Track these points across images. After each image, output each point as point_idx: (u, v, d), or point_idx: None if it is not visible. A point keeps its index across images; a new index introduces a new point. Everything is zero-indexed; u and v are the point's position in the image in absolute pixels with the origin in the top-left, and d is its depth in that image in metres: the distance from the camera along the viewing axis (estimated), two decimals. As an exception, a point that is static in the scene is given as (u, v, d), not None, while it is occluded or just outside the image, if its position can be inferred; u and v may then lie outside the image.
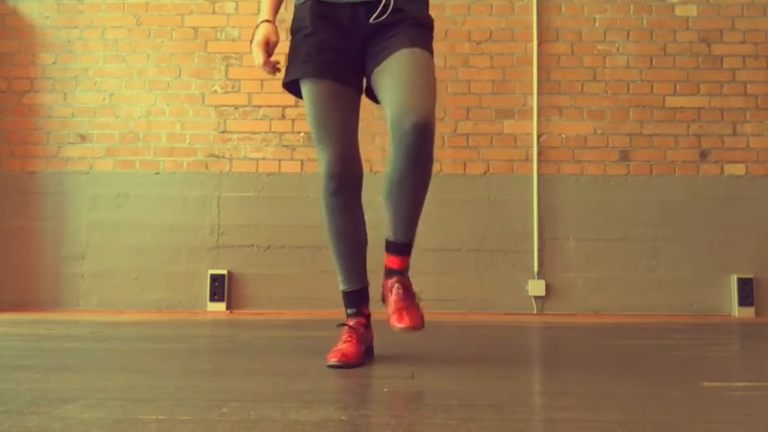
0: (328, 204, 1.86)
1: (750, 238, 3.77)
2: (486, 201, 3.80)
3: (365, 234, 1.94)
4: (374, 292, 1.99)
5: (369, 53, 1.82)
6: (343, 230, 1.89)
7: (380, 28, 1.78)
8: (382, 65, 1.76)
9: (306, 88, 1.84)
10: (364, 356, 1.86)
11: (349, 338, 1.85)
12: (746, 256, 3.76)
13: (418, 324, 1.74)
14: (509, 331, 2.86)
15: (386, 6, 1.77)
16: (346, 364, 1.75)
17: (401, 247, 1.85)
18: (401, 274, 1.85)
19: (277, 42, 1.87)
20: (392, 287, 1.82)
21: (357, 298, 1.93)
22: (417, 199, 1.80)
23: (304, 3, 1.85)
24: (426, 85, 1.73)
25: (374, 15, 1.77)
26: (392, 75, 1.73)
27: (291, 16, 1.91)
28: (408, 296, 1.81)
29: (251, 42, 1.87)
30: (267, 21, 1.87)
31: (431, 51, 1.81)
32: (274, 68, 1.87)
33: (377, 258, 1.99)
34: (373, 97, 1.88)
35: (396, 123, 1.68)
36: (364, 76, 1.88)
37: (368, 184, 1.97)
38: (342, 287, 1.94)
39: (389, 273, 1.85)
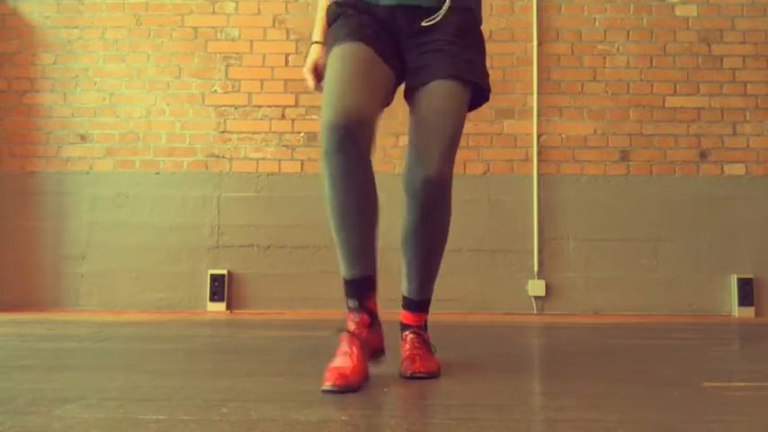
0: (329, 165, 1.50)
1: (750, 238, 3.77)
2: (486, 201, 3.80)
3: (375, 207, 1.59)
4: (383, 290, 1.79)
5: (408, 59, 1.66)
6: (345, 199, 1.53)
7: (419, 32, 1.62)
8: (419, 90, 1.62)
9: (334, 52, 1.59)
10: (368, 366, 1.55)
11: (348, 350, 1.49)
12: (746, 256, 3.76)
13: (433, 370, 1.59)
14: (509, 331, 2.86)
15: (437, 12, 1.60)
16: (344, 388, 1.40)
17: (416, 303, 1.71)
18: (418, 328, 1.71)
19: (325, 65, 1.65)
20: (407, 337, 1.69)
21: (360, 288, 1.58)
22: (432, 256, 1.68)
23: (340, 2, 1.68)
24: (450, 132, 1.62)
25: (426, 20, 1.60)
26: (420, 112, 1.61)
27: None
28: (424, 346, 1.67)
29: (303, 67, 1.75)
30: (318, 42, 1.73)
31: (480, 76, 1.70)
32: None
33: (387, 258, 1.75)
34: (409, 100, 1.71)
35: (408, 173, 1.58)
36: (403, 71, 1.69)
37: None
38: (342, 273, 1.59)
39: (403, 327, 1.73)
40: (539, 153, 3.82)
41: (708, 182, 3.81)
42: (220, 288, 3.74)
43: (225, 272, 3.75)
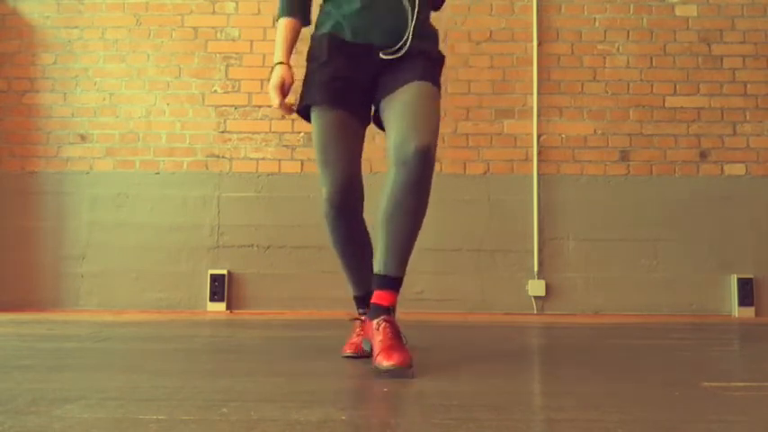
0: (331, 226, 1.93)
1: (750, 238, 3.77)
2: (486, 201, 3.80)
3: (369, 244, 1.99)
4: None
5: (380, 83, 1.88)
6: (346, 248, 1.96)
7: (393, 61, 1.85)
8: (392, 94, 1.83)
9: (315, 115, 1.91)
10: None
11: (362, 332, 1.96)
12: (746, 256, 3.76)
13: (407, 362, 1.61)
14: (509, 331, 2.86)
15: (400, 48, 1.84)
16: (360, 355, 1.92)
17: (391, 281, 1.78)
18: (388, 313, 1.75)
19: (291, 84, 1.93)
20: (379, 326, 1.72)
21: (364, 300, 2.01)
22: (413, 227, 1.77)
23: (321, 35, 1.91)
24: (431, 118, 1.78)
25: (388, 51, 1.85)
26: (400, 104, 1.79)
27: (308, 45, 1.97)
28: (397, 337, 1.70)
29: (269, 83, 1.93)
30: (281, 63, 1.93)
31: (438, 86, 1.89)
32: (290, 110, 1.94)
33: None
34: (379, 124, 1.94)
35: (398, 147, 1.72)
36: (372, 105, 1.94)
37: (366, 183, 1.98)
38: (353, 293, 2.07)
39: (376, 311, 1.76)
40: (539, 153, 3.82)
41: (708, 182, 3.81)
42: (220, 288, 3.74)
43: (225, 272, 3.76)
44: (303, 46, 2.05)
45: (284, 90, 1.92)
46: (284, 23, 1.96)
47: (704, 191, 3.81)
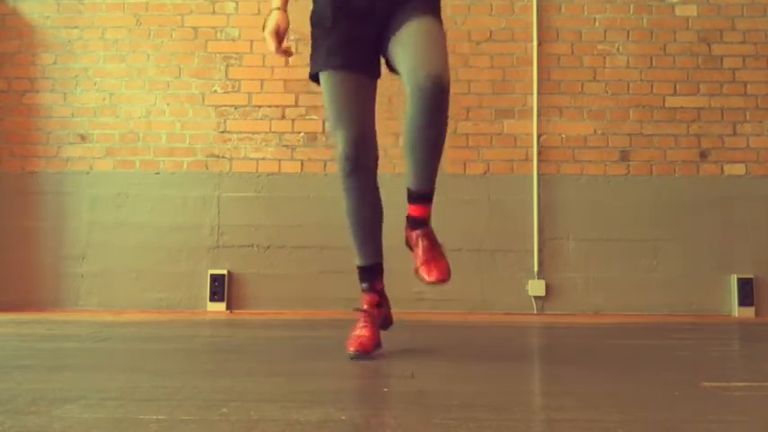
0: (345, 185, 1.96)
1: (750, 238, 3.77)
2: (486, 201, 3.80)
3: (381, 212, 2.03)
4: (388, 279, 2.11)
5: (384, 31, 1.92)
6: (358, 209, 1.98)
7: (397, 8, 1.88)
8: (397, 34, 1.86)
9: (325, 78, 1.94)
10: (379, 335, 1.99)
11: (365, 324, 1.97)
12: (746, 256, 3.76)
13: (446, 276, 1.86)
14: (509, 331, 2.86)
15: None
16: (364, 352, 1.89)
17: (423, 195, 1.93)
18: (425, 224, 1.94)
19: (287, 29, 1.96)
20: (418, 239, 1.91)
21: (371, 273, 2.04)
22: (435, 149, 1.88)
23: None
24: (439, 45, 1.84)
25: None
26: (407, 39, 1.83)
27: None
28: (435, 247, 1.91)
29: (263, 30, 1.96)
30: (277, 8, 1.96)
31: (439, 17, 1.92)
32: (287, 53, 1.98)
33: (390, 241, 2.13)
34: (392, 68, 1.96)
35: (411, 76, 1.78)
36: (381, 55, 1.97)
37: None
38: (357, 262, 2.05)
39: (414, 223, 1.94)
40: (539, 153, 3.82)
41: (708, 182, 3.81)
42: (220, 288, 3.74)
43: (225, 272, 3.75)
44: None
45: (280, 35, 1.95)
46: None
47: (704, 191, 3.80)
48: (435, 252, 1.90)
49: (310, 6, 2.03)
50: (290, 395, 1.39)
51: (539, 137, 3.84)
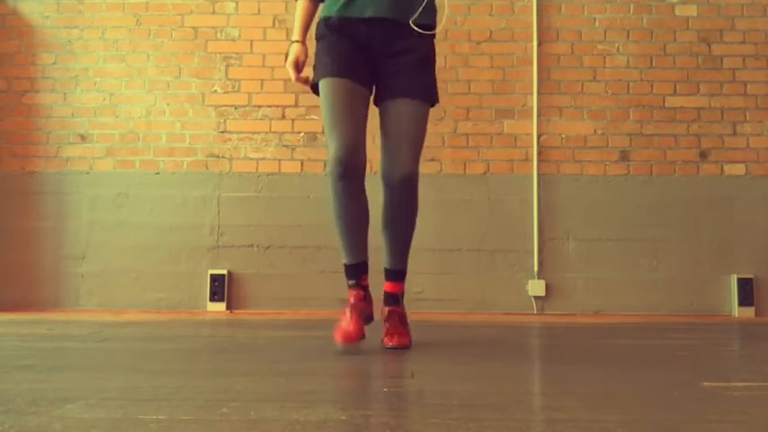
0: (335, 188, 2.06)
1: (750, 238, 3.77)
2: (486, 201, 3.80)
3: (367, 215, 2.15)
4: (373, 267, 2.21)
5: (380, 74, 2.12)
6: (347, 212, 2.09)
7: (392, 54, 2.09)
8: (387, 104, 2.10)
9: (324, 84, 2.09)
10: (363, 327, 2.09)
11: (350, 316, 2.08)
12: (746, 256, 3.76)
13: (406, 343, 2.11)
14: (509, 331, 2.86)
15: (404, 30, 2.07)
16: (349, 341, 2.00)
17: (396, 273, 2.19)
18: (397, 301, 2.18)
19: (305, 61, 2.18)
20: (389, 316, 2.15)
21: (357, 270, 2.15)
22: (405, 235, 2.16)
23: (327, 18, 2.12)
24: (418, 136, 2.09)
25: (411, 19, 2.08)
26: (393, 127, 2.08)
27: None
28: (402, 324, 2.15)
29: (284, 60, 2.20)
30: (297, 41, 2.18)
31: (432, 96, 2.12)
32: (306, 82, 2.17)
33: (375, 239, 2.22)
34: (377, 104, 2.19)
35: (387, 173, 2.08)
36: (374, 84, 2.16)
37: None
38: (344, 261, 2.17)
39: (388, 299, 2.18)
40: (539, 153, 3.82)
41: (708, 182, 3.81)
42: (220, 288, 3.74)
43: (225, 272, 3.76)
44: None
45: (299, 66, 2.16)
46: (300, 5, 2.21)
47: (704, 191, 3.80)
48: (402, 329, 2.13)
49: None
50: (289, 395, 1.39)
51: (539, 137, 3.84)
